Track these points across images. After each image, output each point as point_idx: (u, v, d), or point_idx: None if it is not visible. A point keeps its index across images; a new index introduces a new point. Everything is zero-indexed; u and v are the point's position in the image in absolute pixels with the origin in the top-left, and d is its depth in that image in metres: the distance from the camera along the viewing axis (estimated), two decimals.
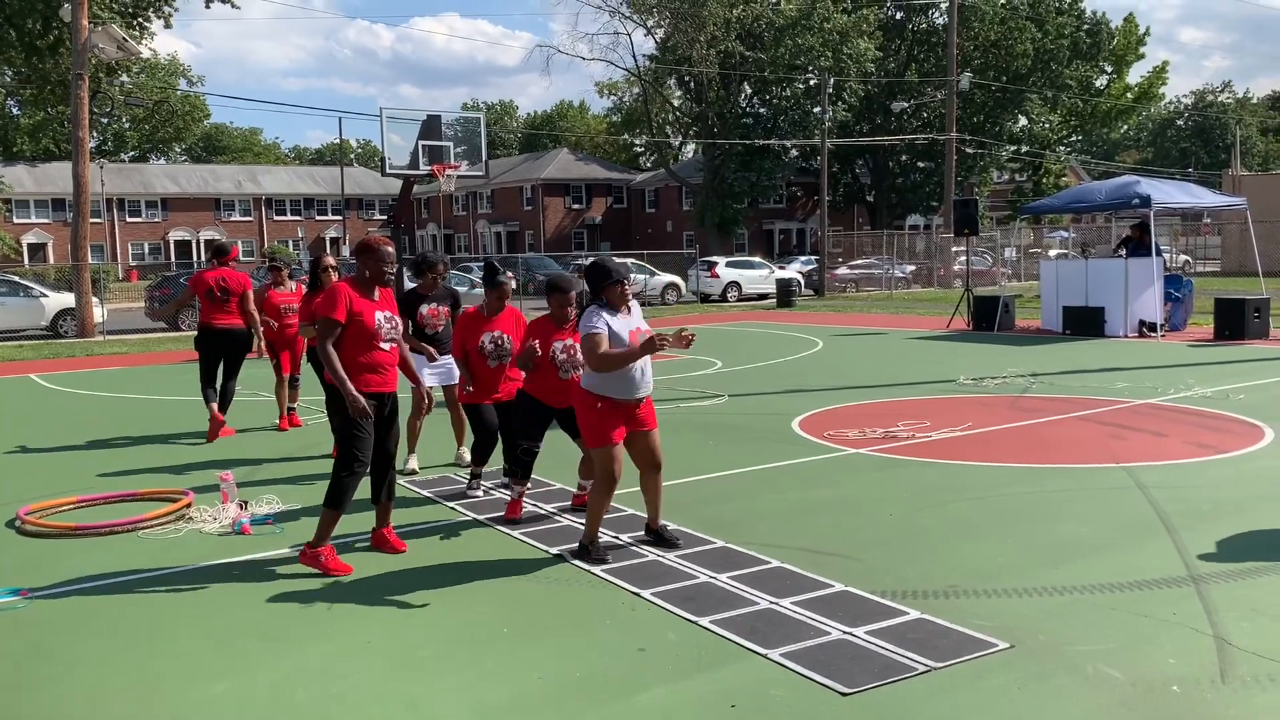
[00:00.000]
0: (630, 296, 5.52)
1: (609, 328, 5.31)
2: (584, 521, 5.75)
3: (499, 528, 6.25)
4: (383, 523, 5.87)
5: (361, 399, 5.28)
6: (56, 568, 5.67)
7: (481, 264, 7.53)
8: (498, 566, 5.51)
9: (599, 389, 5.42)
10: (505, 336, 6.90)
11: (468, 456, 7.84)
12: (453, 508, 6.78)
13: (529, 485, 6.68)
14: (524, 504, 6.59)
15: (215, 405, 9.48)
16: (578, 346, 5.98)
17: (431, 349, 7.50)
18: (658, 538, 5.80)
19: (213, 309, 9.42)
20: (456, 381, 7.73)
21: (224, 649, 4.46)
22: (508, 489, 6.93)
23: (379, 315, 5.47)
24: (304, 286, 9.26)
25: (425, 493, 7.23)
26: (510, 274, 7.14)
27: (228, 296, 9.42)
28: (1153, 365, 13.35)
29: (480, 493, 7.08)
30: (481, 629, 4.61)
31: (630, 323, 5.44)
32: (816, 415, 10.10)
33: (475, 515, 6.56)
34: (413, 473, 7.82)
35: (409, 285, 9.52)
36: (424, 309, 7.62)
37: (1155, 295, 17.20)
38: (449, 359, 7.80)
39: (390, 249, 5.58)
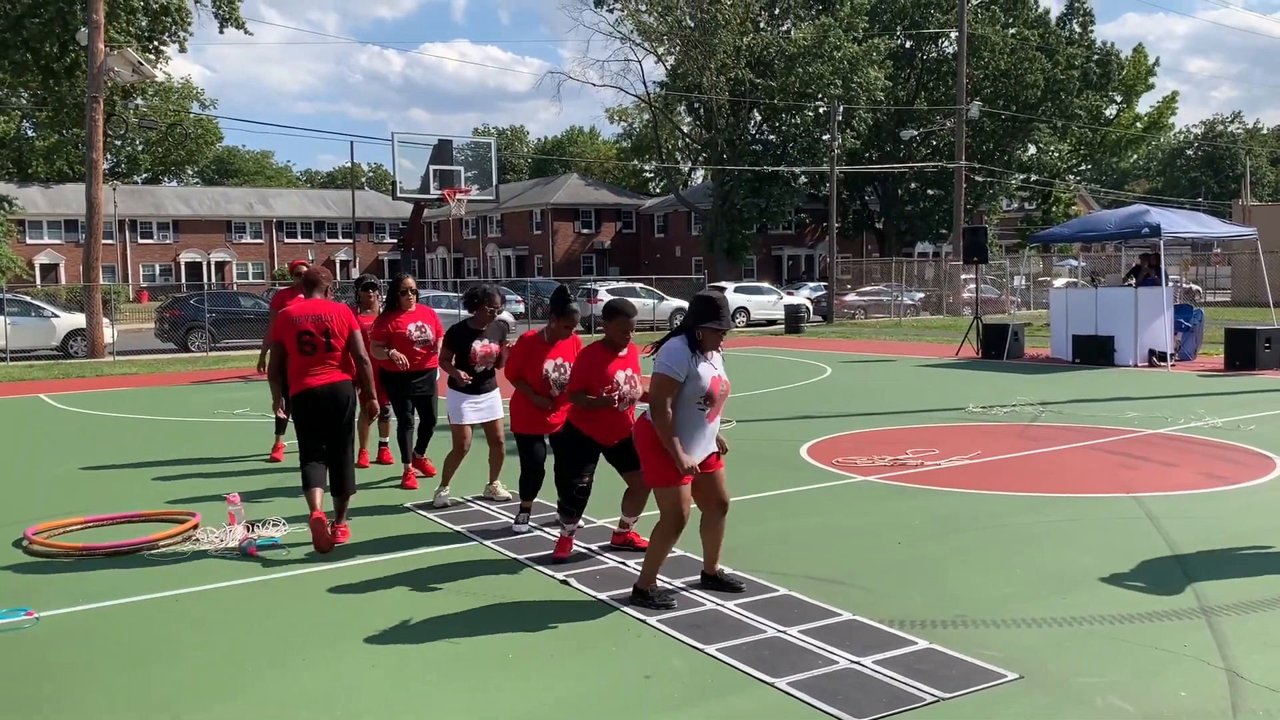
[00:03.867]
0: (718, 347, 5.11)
1: (689, 373, 4.95)
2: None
3: (505, 551, 6.22)
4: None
5: None
6: (64, 588, 5.67)
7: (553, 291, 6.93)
8: (503, 592, 5.48)
9: None
10: (567, 365, 6.40)
11: (502, 491, 7.59)
12: (459, 530, 6.76)
13: (580, 524, 6.24)
14: (573, 542, 6.21)
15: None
16: (636, 378, 5.79)
17: (465, 375, 7.28)
18: (716, 583, 5.41)
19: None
20: (498, 418, 7.40)
21: (229, 670, 4.45)
22: (555, 526, 6.67)
23: None
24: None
25: (439, 520, 7.21)
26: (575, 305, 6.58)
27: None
28: (1163, 395, 13.30)
29: (525, 529, 6.73)
30: (487, 654, 4.59)
31: (713, 368, 5.05)
32: (825, 442, 10.07)
33: (481, 541, 6.54)
34: (443, 506, 7.49)
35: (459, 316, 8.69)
36: (477, 346, 7.25)
37: (1165, 325, 17.16)
38: (491, 397, 7.43)
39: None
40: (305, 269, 9.32)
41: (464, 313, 7.46)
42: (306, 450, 6.39)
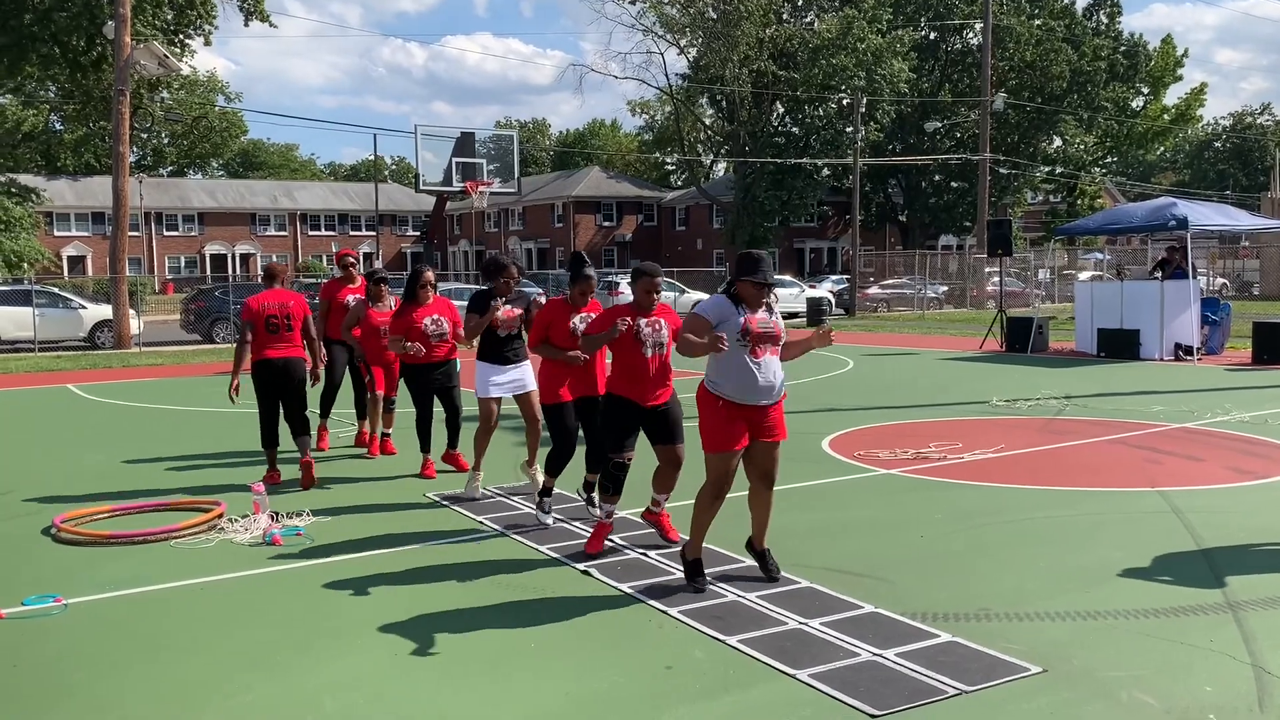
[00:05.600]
0: (767, 299, 5.18)
1: (722, 317, 5.03)
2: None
3: (527, 542, 6.24)
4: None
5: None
6: (91, 576, 5.73)
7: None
8: (524, 583, 5.50)
9: (717, 388, 5.13)
10: (591, 316, 6.40)
11: (540, 477, 7.08)
12: (481, 521, 6.79)
13: (616, 508, 6.06)
14: (608, 531, 6.04)
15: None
16: (662, 323, 5.84)
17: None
18: (760, 559, 5.46)
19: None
20: (530, 390, 7.17)
21: (253, 658, 4.49)
22: (589, 507, 6.61)
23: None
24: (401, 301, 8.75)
25: (463, 511, 7.25)
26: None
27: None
28: (1189, 389, 13.18)
29: (550, 520, 6.59)
30: (509, 644, 4.61)
31: (756, 315, 5.11)
32: (847, 435, 10.04)
33: (503, 529, 6.57)
34: (472, 498, 7.35)
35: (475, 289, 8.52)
36: (500, 310, 7.11)
37: (1192, 318, 17.01)
38: (520, 369, 7.25)
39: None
40: (351, 259, 9.69)
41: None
42: (266, 413, 8.02)
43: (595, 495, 6.59)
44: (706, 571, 5.45)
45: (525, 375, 7.30)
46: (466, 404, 8.15)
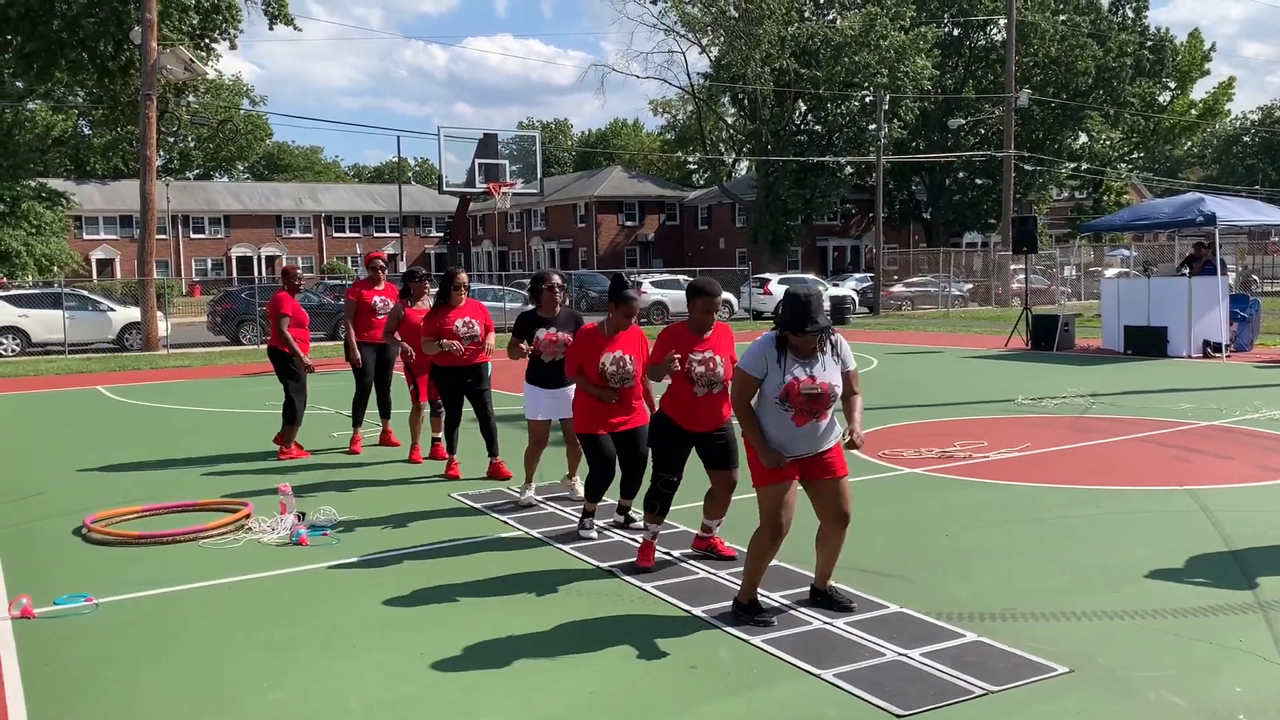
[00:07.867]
0: (820, 345, 4.66)
1: (767, 371, 4.60)
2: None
3: (552, 544, 6.26)
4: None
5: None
6: (121, 575, 5.80)
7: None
8: (551, 582, 5.52)
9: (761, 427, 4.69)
10: (628, 358, 6.10)
11: (580, 489, 7.21)
12: (506, 522, 6.81)
13: (663, 525, 5.89)
14: (655, 549, 5.83)
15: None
16: (718, 360, 5.44)
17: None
18: (826, 599, 4.97)
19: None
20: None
21: (280, 657, 4.53)
22: (628, 528, 6.43)
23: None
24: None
25: (474, 503, 7.28)
26: (640, 289, 6.30)
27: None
28: (1217, 386, 13.05)
29: (594, 534, 6.38)
30: (534, 643, 4.63)
31: (804, 370, 4.60)
32: (871, 434, 10.00)
33: (528, 530, 6.59)
34: (529, 505, 7.20)
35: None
36: (540, 334, 6.93)
37: (1220, 315, 16.83)
38: (568, 390, 7.04)
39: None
40: (380, 263, 9.88)
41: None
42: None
43: (630, 515, 6.53)
44: (781, 593, 5.18)
45: (569, 395, 6.99)
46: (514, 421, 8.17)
